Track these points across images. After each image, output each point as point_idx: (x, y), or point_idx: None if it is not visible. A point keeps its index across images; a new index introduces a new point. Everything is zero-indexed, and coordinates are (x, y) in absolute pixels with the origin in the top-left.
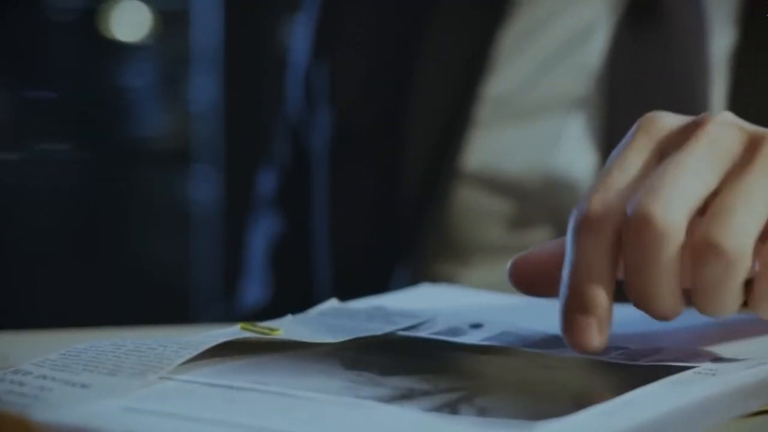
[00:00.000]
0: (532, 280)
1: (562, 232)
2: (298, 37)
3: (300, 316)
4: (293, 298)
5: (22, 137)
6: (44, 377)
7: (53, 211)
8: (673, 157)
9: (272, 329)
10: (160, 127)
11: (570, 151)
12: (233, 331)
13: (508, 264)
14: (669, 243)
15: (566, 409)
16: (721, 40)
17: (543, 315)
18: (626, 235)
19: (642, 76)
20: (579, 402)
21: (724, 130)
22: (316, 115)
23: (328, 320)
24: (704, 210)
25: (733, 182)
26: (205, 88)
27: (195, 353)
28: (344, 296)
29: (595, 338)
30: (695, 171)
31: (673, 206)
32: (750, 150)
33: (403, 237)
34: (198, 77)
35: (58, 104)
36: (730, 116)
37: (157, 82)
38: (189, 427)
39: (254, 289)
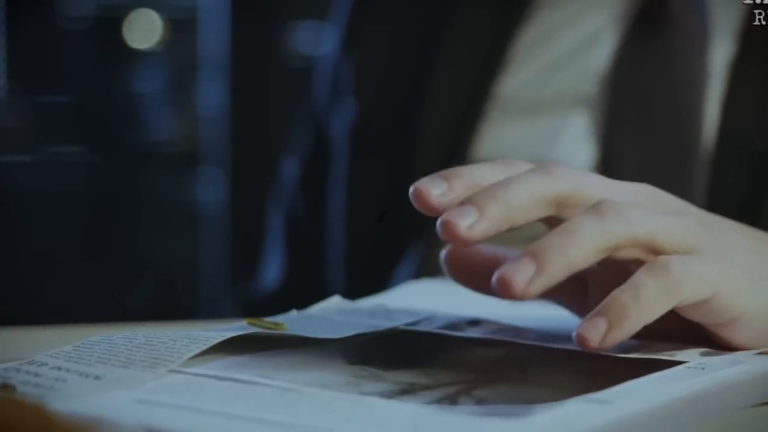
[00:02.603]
0: (465, 270)
1: None
2: (328, 34)
3: (304, 312)
4: (307, 283)
5: (36, 140)
6: (59, 368)
7: (67, 211)
8: None
9: (277, 324)
10: (169, 131)
11: (570, 147)
12: (240, 327)
13: (444, 251)
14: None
15: (562, 397)
16: (720, 51)
17: (539, 312)
18: None
19: (644, 81)
20: (574, 392)
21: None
22: (339, 107)
23: (331, 316)
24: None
25: None
26: (212, 94)
27: (204, 347)
28: (354, 282)
29: (523, 286)
30: None
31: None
32: None
33: (414, 226)
34: (205, 83)
35: (71, 109)
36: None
37: (166, 87)
38: (198, 419)
39: (271, 273)
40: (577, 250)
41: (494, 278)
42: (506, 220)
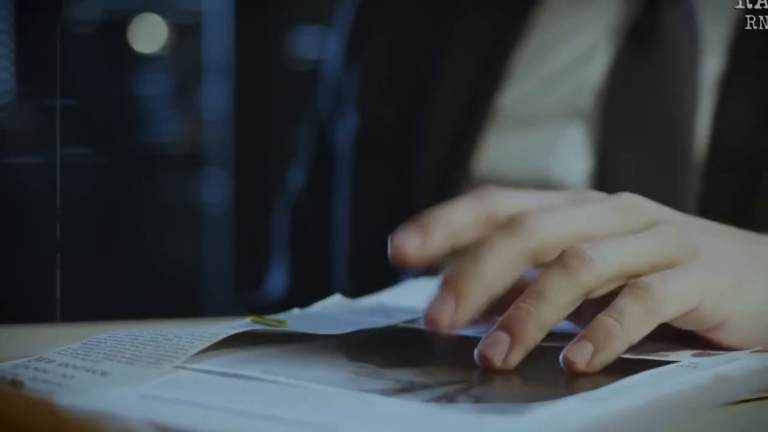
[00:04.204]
0: None
1: None
2: (331, 44)
3: (306, 310)
4: (312, 290)
5: (44, 143)
6: (66, 365)
7: (74, 212)
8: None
9: (280, 321)
10: (174, 134)
11: (565, 158)
12: (244, 324)
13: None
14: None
15: (558, 395)
16: (710, 65)
17: None
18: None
19: (638, 93)
20: (570, 389)
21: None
22: (343, 115)
23: (332, 314)
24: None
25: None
26: (216, 97)
27: (208, 344)
28: (359, 286)
29: (502, 360)
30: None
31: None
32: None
33: None
34: (210, 86)
35: (78, 112)
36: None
37: (171, 91)
38: (202, 414)
39: (276, 281)
40: (548, 311)
41: (475, 354)
42: (485, 296)
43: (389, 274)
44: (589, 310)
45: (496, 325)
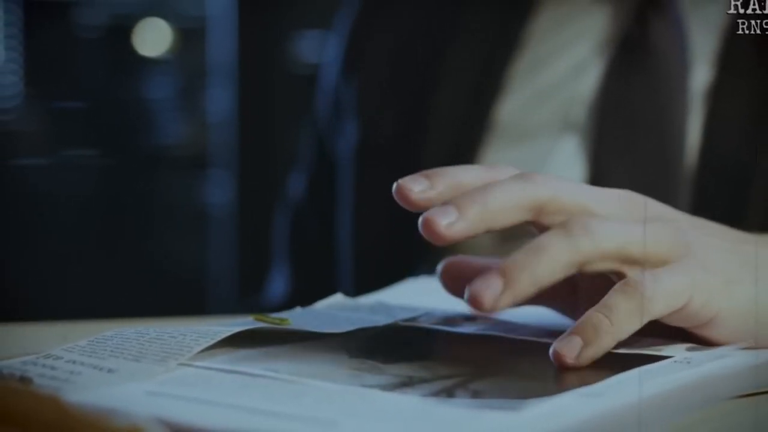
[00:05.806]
0: (458, 280)
1: None
2: (329, 54)
3: (308, 309)
4: (315, 292)
5: (52, 144)
6: (74, 362)
7: (81, 212)
8: None
9: (282, 320)
10: (178, 136)
11: (559, 170)
12: (247, 322)
13: (440, 264)
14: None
15: (554, 391)
16: (699, 74)
17: (532, 309)
18: None
19: (629, 105)
20: (566, 385)
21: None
22: (342, 125)
23: (334, 312)
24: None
25: None
26: (220, 99)
27: (212, 341)
28: (360, 292)
29: (492, 301)
30: None
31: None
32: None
33: (416, 240)
34: (214, 89)
35: (85, 114)
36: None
37: (176, 93)
38: (206, 411)
39: (278, 288)
40: (543, 267)
41: (466, 293)
42: (484, 223)
43: (391, 281)
44: (585, 305)
45: (492, 269)
